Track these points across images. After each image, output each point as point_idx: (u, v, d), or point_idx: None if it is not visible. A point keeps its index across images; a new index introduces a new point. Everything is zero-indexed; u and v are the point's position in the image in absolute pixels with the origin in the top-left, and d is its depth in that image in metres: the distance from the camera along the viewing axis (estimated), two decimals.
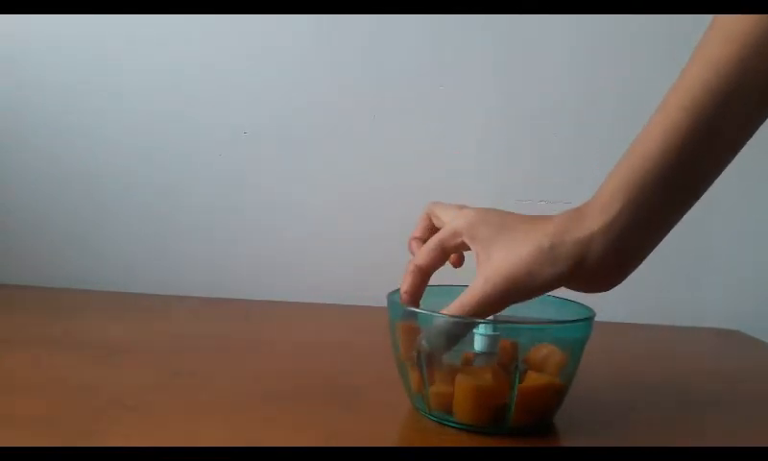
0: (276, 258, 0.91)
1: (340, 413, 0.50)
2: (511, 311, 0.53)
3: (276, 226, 0.91)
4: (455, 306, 0.45)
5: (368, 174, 0.90)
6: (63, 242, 0.90)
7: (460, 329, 0.46)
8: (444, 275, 0.52)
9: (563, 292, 0.56)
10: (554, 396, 0.49)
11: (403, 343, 0.49)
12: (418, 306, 0.48)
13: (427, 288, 0.52)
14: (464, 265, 0.54)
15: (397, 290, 0.52)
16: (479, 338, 0.48)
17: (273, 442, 0.44)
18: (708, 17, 0.46)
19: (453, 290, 0.56)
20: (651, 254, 0.47)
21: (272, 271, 0.91)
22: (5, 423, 0.45)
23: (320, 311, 0.85)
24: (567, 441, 0.49)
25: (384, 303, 0.51)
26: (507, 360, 0.47)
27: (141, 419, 0.46)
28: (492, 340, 0.48)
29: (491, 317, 0.46)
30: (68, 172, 0.90)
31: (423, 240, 0.51)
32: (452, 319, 0.45)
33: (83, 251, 0.90)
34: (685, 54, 0.93)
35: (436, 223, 0.52)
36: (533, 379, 0.47)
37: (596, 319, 0.50)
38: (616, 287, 0.47)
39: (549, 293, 0.45)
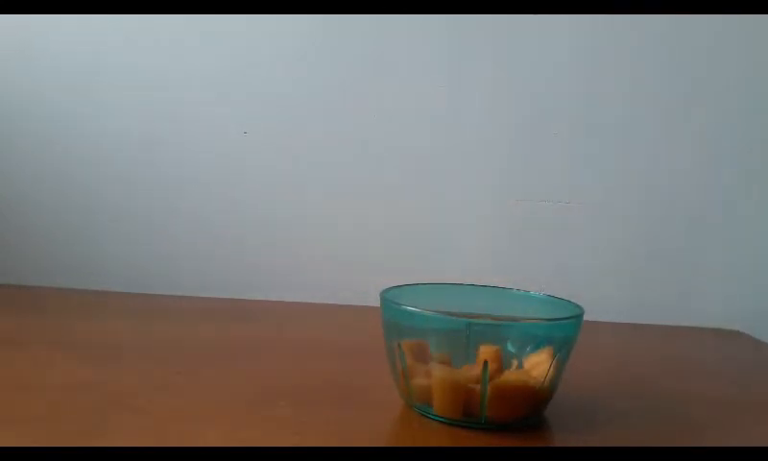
0: (275, 258, 0.91)
1: (340, 413, 0.50)
2: (500, 310, 0.54)
3: (275, 226, 0.91)
4: None
5: (367, 174, 0.90)
6: (64, 242, 0.90)
7: None
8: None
9: (554, 289, 0.57)
10: (530, 395, 0.49)
11: (410, 359, 0.50)
12: None
13: (423, 287, 0.52)
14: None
15: (391, 288, 0.53)
16: None
17: (273, 442, 0.44)
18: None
19: (451, 288, 0.57)
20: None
21: (271, 271, 0.91)
22: (5, 423, 0.45)
23: (319, 311, 0.85)
24: (563, 441, 0.49)
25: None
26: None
27: (141, 419, 0.46)
28: None
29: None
30: (68, 172, 0.90)
31: None
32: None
33: (82, 251, 0.90)
34: (684, 54, 0.93)
35: None
36: (505, 377, 0.48)
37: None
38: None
39: (541, 291, 0.45)
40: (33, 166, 0.89)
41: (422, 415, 0.50)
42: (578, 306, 0.51)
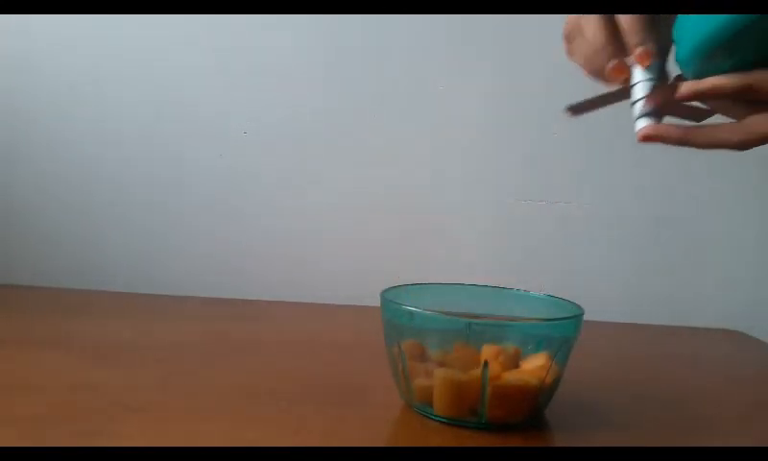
0: (275, 258, 0.91)
1: (340, 413, 0.50)
2: (500, 310, 0.54)
3: (275, 226, 0.91)
4: None
5: (367, 174, 0.90)
6: (63, 242, 0.90)
7: None
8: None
9: (554, 289, 0.57)
10: (530, 395, 0.49)
11: (410, 360, 0.50)
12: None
13: (423, 287, 0.53)
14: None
15: (391, 288, 0.53)
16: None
17: (273, 442, 0.44)
18: None
19: (451, 288, 0.57)
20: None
21: (271, 271, 0.91)
22: (5, 423, 0.45)
23: (320, 311, 0.85)
24: (563, 441, 0.49)
25: None
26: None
27: (141, 419, 0.46)
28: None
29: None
30: (68, 172, 0.89)
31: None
32: None
33: (83, 251, 0.90)
34: None
35: None
36: (506, 377, 0.48)
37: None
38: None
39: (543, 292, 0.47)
40: (33, 167, 0.89)
41: (423, 415, 0.50)
42: (578, 306, 0.51)
